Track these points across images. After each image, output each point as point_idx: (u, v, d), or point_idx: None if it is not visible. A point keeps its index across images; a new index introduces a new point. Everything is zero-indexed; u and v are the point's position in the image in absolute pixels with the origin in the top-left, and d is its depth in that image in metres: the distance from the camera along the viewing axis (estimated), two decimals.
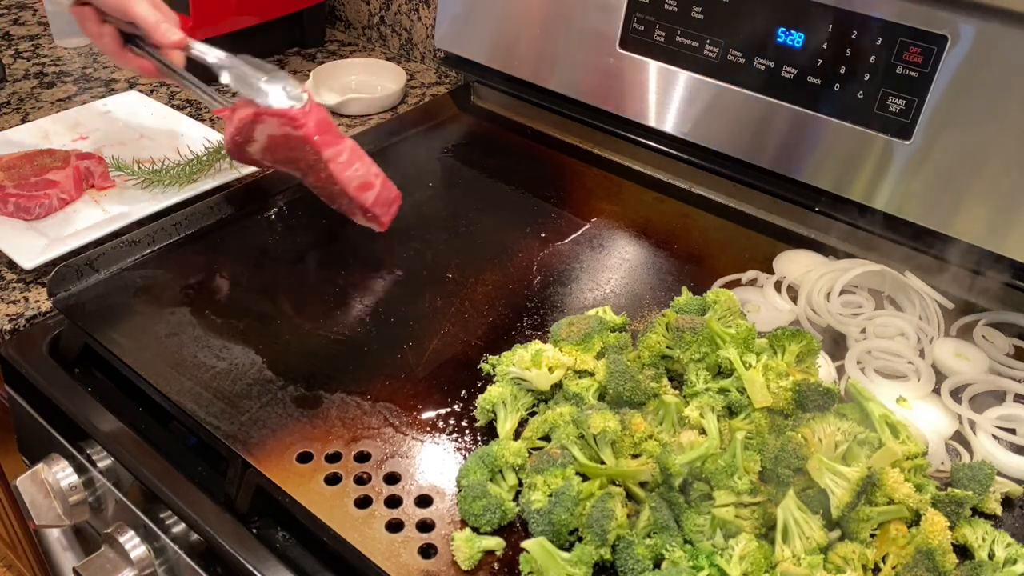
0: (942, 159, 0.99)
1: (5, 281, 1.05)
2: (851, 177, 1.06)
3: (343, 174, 1.00)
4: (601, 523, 0.71)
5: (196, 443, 0.89)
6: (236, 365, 0.90)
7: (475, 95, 1.44)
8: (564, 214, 1.16)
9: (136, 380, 0.89)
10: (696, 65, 1.15)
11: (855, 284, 1.03)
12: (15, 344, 0.98)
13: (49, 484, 0.95)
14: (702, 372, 0.83)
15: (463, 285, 1.03)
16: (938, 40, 0.96)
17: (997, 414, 0.88)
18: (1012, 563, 0.72)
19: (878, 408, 0.81)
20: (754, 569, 0.69)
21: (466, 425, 0.85)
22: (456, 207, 1.17)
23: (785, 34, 1.06)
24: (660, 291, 1.03)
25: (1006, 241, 0.97)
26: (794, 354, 0.83)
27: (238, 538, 0.79)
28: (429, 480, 0.79)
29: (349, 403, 0.86)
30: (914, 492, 0.72)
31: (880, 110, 1.01)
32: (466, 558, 0.72)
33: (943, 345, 0.95)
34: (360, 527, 0.74)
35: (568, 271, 1.06)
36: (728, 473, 0.73)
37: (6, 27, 1.70)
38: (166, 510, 0.85)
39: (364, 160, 1.02)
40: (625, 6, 1.19)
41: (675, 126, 1.20)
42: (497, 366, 0.88)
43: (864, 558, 0.71)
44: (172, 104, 1.43)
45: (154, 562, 0.89)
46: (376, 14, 1.66)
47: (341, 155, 0.99)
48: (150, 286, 0.99)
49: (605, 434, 0.76)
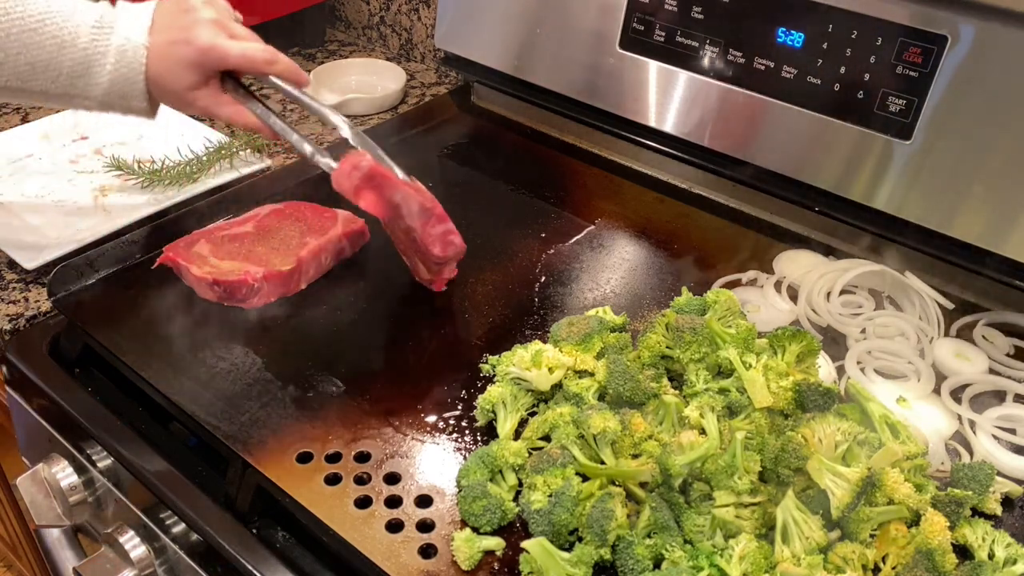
0: (942, 159, 0.99)
1: (5, 281, 1.05)
2: (851, 177, 1.06)
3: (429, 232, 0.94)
4: (601, 523, 0.71)
5: (196, 443, 0.89)
6: (236, 365, 0.90)
7: (475, 95, 1.43)
8: (564, 214, 1.16)
9: (136, 380, 0.89)
10: (696, 65, 1.15)
11: (855, 284, 1.03)
12: (15, 344, 0.98)
13: (49, 484, 0.96)
14: (702, 372, 0.83)
15: (463, 285, 1.03)
16: (938, 40, 0.96)
17: (997, 414, 0.88)
18: (1012, 563, 0.72)
19: (878, 408, 0.81)
20: (754, 569, 0.69)
21: (466, 425, 0.85)
22: (456, 207, 1.16)
23: (785, 34, 1.06)
24: (660, 291, 1.03)
25: (1006, 241, 0.97)
26: (794, 354, 0.83)
27: (238, 538, 0.79)
28: (429, 480, 0.79)
29: (349, 403, 0.86)
30: (914, 492, 0.72)
31: (880, 110, 1.01)
32: (466, 558, 0.72)
33: (943, 345, 0.95)
34: (360, 527, 0.74)
35: (568, 271, 1.06)
36: (728, 473, 0.73)
37: None
38: (166, 510, 0.85)
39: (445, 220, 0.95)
40: (625, 6, 1.19)
41: (675, 126, 1.20)
42: (497, 366, 0.88)
43: (864, 558, 0.71)
44: None
45: (154, 562, 0.89)
46: (376, 14, 1.66)
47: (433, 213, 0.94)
48: (150, 286, 0.99)
49: (605, 434, 0.76)
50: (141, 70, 0.90)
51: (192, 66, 0.90)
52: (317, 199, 1.09)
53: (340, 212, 1.05)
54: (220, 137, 1.27)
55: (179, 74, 0.90)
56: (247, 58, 0.91)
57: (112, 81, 0.90)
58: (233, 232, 1.01)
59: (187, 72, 0.90)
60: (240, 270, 0.96)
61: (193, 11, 0.90)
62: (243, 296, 0.96)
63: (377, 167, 0.88)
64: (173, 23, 0.90)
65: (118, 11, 0.91)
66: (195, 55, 0.89)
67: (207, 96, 0.93)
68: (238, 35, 0.92)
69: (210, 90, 0.93)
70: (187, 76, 0.90)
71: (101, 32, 0.89)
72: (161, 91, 0.92)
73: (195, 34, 0.89)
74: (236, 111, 0.94)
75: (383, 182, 0.88)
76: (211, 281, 0.95)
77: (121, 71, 0.89)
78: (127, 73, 0.90)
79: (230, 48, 0.90)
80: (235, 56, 0.91)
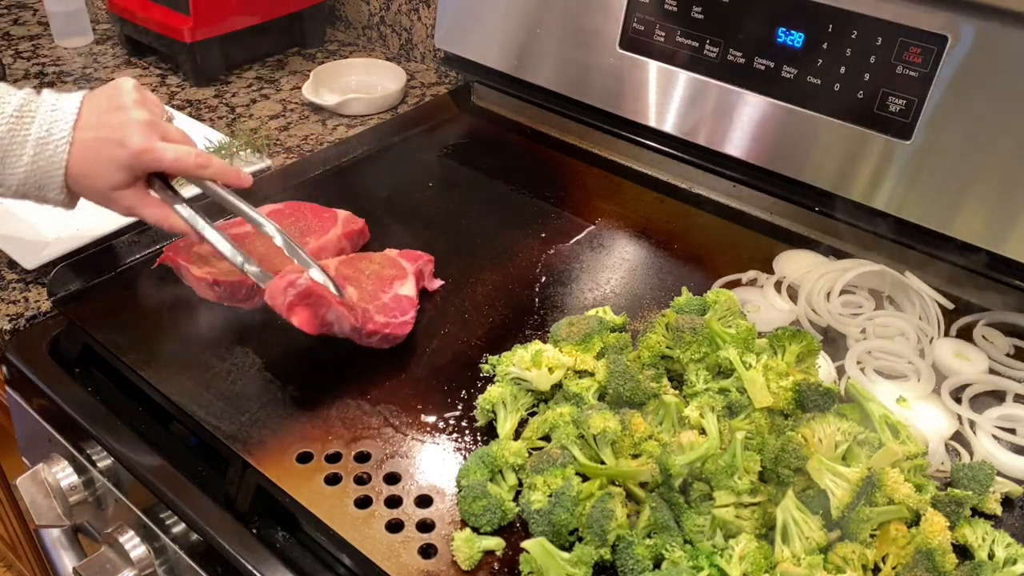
0: (942, 159, 0.99)
1: (5, 281, 1.05)
2: (851, 177, 1.06)
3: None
4: (601, 523, 0.71)
5: (196, 443, 0.89)
6: (236, 365, 0.90)
7: (475, 95, 1.43)
8: (564, 214, 1.16)
9: (136, 380, 0.89)
10: (696, 65, 1.15)
11: (855, 284, 1.03)
12: (15, 344, 0.98)
13: (49, 484, 0.95)
14: (702, 372, 0.83)
15: (463, 285, 1.03)
16: (938, 40, 0.96)
17: (997, 414, 0.88)
18: (1012, 563, 0.72)
19: (878, 408, 0.81)
20: (754, 569, 0.69)
21: (466, 425, 0.85)
22: (456, 207, 1.17)
23: (785, 34, 1.06)
24: (660, 291, 1.03)
25: (1006, 241, 0.97)
26: (794, 354, 0.83)
27: (238, 538, 0.79)
28: (429, 480, 0.79)
29: (349, 403, 0.86)
30: (914, 492, 0.72)
31: (880, 110, 1.01)
32: (466, 558, 0.72)
33: (943, 345, 0.95)
34: (360, 527, 0.74)
35: (568, 271, 1.06)
36: (728, 473, 0.73)
37: (6, 27, 1.70)
38: (166, 510, 0.85)
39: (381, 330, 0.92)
40: (625, 6, 1.19)
41: (675, 126, 1.20)
42: (497, 366, 0.88)
43: (864, 558, 0.71)
44: (172, 104, 1.43)
45: (154, 562, 0.89)
46: (376, 14, 1.66)
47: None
48: (150, 286, 0.99)
49: (605, 434, 0.76)
50: (61, 164, 0.86)
51: (122, 168, 0.86)
52: (317, 199, 1.09)
53: (340, 212, 1.05)
54: (220, 137, 1.27)
55: (106, 173, 0.86)
56: (180, 163, 0.88)
57: (28, 172, 0.85)
58: (233, 232, 1.01)
59: (116, 172, 0.86)
60: None
61: (125, 110, 0.86)
62: (243, 296, 0.96)
63: (313, 286, 0.85)
64: (103, 120, 0.86)
65: (41, 100, 0.87)
66: (127, 158, 0.86)
67: (132, 196, 0.89)
68: (171, 137, 0.89)
69: (135, 190, 0.89)
70: (115, 176, 0.87)
71: (21, 122, 0.85)
72: (82, 187, 0.88)
73: (127, 135, 0.85)
74: (162, 214, 0.90)
75: (318, 301, 0.86)
76: (211, 281, 0.95)
77: (39, 163, 0.85)
78: (45, 166, 0.85)
79: (164, 152, 0.87)
80: (168, 161, 0.87)
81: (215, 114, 1.42)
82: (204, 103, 1.45)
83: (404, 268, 0.97)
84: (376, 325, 0.90)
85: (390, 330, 0.90)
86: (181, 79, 1.52)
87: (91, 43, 1.64)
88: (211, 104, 1.45)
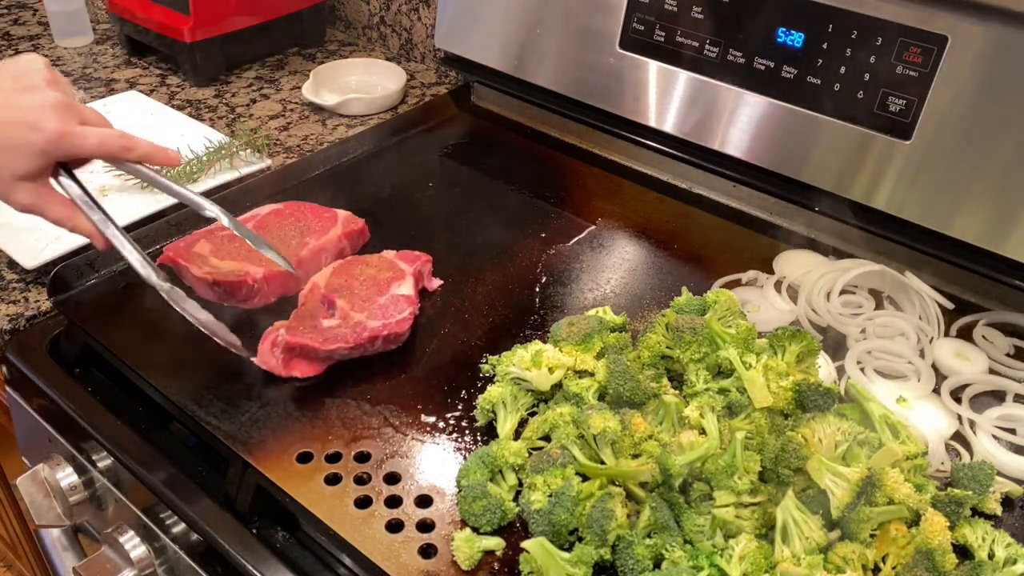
0: (942, 159, 0.99)
1: (5, 281, 1.05)
2: (851, 177, 1.06)
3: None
4: (601, 523, 0.71)
5: (196, 443, 0.89)
6: (236, 365, 0.90)
7: (475, 95, 1.43)
8: (564, 214, 1.16)
9: (136, 380, 0.89)
10: (696, 65, 1.15)
11: (855, 284, 1.03)
12: (15, 344, 0.98)
13: (49, 484, 0.96)
14: (702, 372, 0.83)
15: (463, 285, 1.03)
16: (938, 40, 0.96)
17: (997, 414, 0.88)
18: (1012, 563, 0.72)
19: (878, 408, 0.81)
20: (754, 569, 0.69)
21: (466, 425, 0.85)
22: (456, 207, 1.17)
23: (785, 34, 1.06)
24: (660, 291, 1.03)
25: (1006, 241, 0.97)
26: (794, 354, 0.83)
27: (238, 538, 0.79)
28: (429, 480, 0.79)
29: (349, 403, 0.86)
30: (914, 492, 0.72)
31: (880, 110, 1.01)
32: (466, 558, 0.72)
33: (943, 345, 0.95)
34: (360, 527, 0.74)
35: (568, 271, 1.06)
36: (728, 473, 0.73)
37: (6, 27, 1.70)
38: (166, 510, 0.85)
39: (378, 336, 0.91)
40: (625, 6, 1.19)
41: (675, 126, 1.20)
42: (497, 366, 0.88)
43: (864, 558, 0.71)
44: (172, 104, 1.43)
45: (154, 562, 0.89)
46: (376, 14, 1.66)
47: None
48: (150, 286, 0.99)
49: (605, 434, 0.76)
50: None
51: (34, 154, 0.77)
52: (317, 199, 1.09)
53: (340, 212, 1.05)
54: (220, 137, 1.27)
55: (13, 161, 0.77)
56: (104, 147, 0.80)
57: None
58: (220, 234, 1.01)
59: (26, 160, 0.77)
60: (240, 270, 0.95)
61: (36, 90, 0.77)
62: (243, 296, 0.96)
63: (293, 339, 0.86)
64: (11, 102, 0.77)
65: None
66: (42, 143, 0.77)
67: (35, 190, 0.79)
68: (89, 120, 0.81)
69: (39, 184, 0.80)
70: (24, 164, 0.77)
71: None
72: None
73: (41, 117, 0.76)
74: (67, 213, 0.82)
75: (305, 349, 0.86)
76: (211, 281, 0.95)
77: None
78: None
79: (85, 136, 0.78)
80: (91, 146, 0.79)
81: (215, 114, 1.42)
82: (204, 103, 1.45)
83: (402, 269, 0.97)
84: (373, 330, 0.90)
85: (388, 331, 0.90)
86: (181, 79, 1.52)
87: (91, 43, 1.64)
88: (211, 104, 1.45)
